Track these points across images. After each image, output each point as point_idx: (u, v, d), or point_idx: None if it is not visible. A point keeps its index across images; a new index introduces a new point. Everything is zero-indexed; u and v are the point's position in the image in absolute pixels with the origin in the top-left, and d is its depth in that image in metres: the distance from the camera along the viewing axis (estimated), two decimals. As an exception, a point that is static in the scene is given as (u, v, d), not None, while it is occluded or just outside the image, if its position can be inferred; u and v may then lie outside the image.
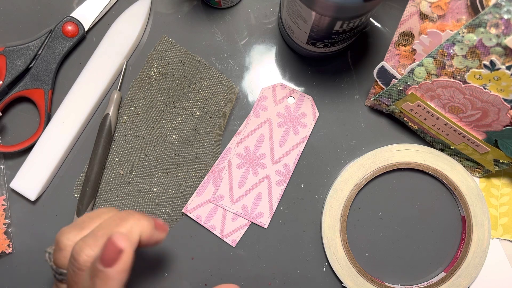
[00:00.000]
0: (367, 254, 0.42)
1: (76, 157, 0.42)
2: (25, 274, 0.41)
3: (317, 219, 0.42)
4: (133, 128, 0.42)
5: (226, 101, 0.41)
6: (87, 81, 0.41)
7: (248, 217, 0.41)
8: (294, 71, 0.43)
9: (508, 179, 0.42)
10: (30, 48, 0.41)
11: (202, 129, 0.41)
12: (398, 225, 0.42)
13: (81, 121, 0.41)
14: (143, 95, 0.42)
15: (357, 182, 0.41)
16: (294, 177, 0.42)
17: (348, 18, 0.32)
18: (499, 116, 0.34)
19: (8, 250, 0.40)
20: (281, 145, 0.42)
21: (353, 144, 0.42)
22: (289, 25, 0.37)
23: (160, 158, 0.41)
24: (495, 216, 0.42)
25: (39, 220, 0.41)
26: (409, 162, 0.41)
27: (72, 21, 0.41)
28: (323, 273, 0.41)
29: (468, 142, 0.38)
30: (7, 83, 0.40)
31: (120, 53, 0.41)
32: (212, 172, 0.42)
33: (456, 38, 0.31)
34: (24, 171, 0.40)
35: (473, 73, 0.32)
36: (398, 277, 0.42)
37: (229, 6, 0.43)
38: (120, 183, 0.41)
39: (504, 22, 0.29)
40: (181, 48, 0.42)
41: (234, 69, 0.43)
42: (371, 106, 0.42)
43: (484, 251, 0.41)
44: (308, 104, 0.42)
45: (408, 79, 0.36)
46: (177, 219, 0.41)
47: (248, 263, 0.41)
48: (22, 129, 0.42)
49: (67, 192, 0.42)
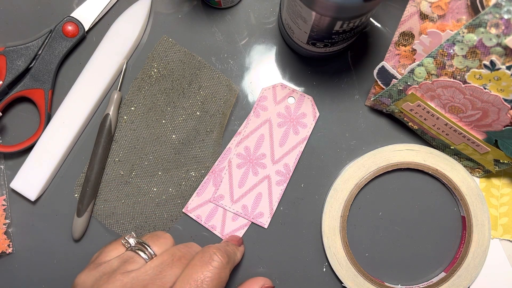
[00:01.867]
0: (367, 254, 0.42)
1: (76, 157, 0.42)
2: (25, 274, 0.41)
3: (317, 219, 0.42)
4: (133, 128, 0.42)
5: (226, 101, 0.41)
6: (87, 81, 0.41)
7: (248, 217, 0.41)
8: (294, 71, 0.43)
9: (508, 179, 0.42)
10: (30, 48, 0.41)
11: (202, 129, 0.41)
12: (398, 225, 0.42)
13: (81, 121, 0.41)
14: (143, 95, 0.42)
15: (357, 182, 0.41)
16: (294, 177, 0.42)
17: (348, 18, 0.32)
18: (499, 116, 0.34)
19: (8, 250, 0.40)
20: (281, 145, 0.42)
21: (353, 144, 0.42)
22: (289, 25, 0.37)
23: (160, 158, 0.41)
24: (495, 216, 0.42)
25: (39, 220, 0.41)
26: (409, 162, 0.41)
27: (72, 21, 0.41)
28: (323, 273, 0.41)
29: (468, 142, 0.38)
30: (7, 83, 0.40)
31: (120, 53, 0.41)
32: (212, 172, 0.42)
33: (456, 38, 0.31)
34: (24, 171, 0.40)
35: (473, 73, 0.32)
36: (398, 277, 0.42)
37: (229, 6, 0.43)
38: (120, 183, 0.41)
39: (504, 22, 0.29)
40: (181, 48, 0.42)
41: (234, 69, 0.43)
42: (371, 106, 0.42)
43: (484, 251, 0.41)
44: (308, 104, 0.42)
45: (408, 79, 0.36)
46: (176, 218, 0.41)
47: (248, 263, 0.41)
48: (22, 129, 0.42)
49: (67, 192, 0.42)
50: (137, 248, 0.33)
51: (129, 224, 0.41)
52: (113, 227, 0.41)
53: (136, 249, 0.33)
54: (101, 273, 0.31)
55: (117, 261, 0.32)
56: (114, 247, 0.34)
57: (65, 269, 0.41)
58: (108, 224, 0.41)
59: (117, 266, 0.31)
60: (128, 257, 0.32)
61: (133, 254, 0.32)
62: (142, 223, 0.41)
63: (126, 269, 0.31)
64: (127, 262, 0.32)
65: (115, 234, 0.41)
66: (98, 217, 0.41)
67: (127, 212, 0.41)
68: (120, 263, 0.32)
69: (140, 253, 0.32)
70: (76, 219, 0.40)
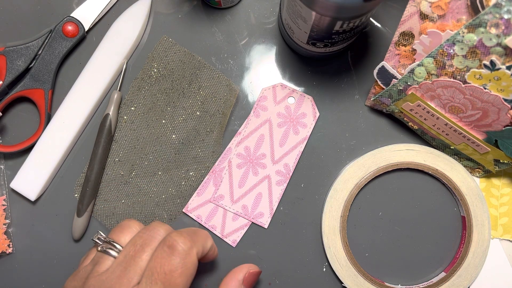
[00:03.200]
0: (367, 254, 0.42)
1: (76, 157, 0.42)
2: (25, 274, 0.41)
3: (317, 219, 0.42)
4: (133, 128, 0.42)
5: (226, 101, 0.41)
6: (87, 81, 0.41)
7: (248, 217, 0.41)
8: (294, 71, 0.43)
9: (508, 179, 0.42)
10: (30, 48, 0.41)
11: (202, 129, 0.41)
12: (398, 225, 0.42)
13: (81, 121, 0.41)
14: (143, 95, 0.42)
15: (357, 182, 0.41)
16: (294, 177, 0.42)
17: (348, 18, 0.32)
18: (499, 116, 0.34)
19: (8, 250, 0.40)
20: (281, 145, 0.42)
21: (353, 144, 0.42)
22: (289, 25, 0.37)
23: (160, 158, 0.41)
24: (495, 216, 0.42)
25: (39, 220, 0.41)
26: (409, 162, 0.41)
27: (72, 21, 0.41)
28: (323, 273, 0.41)
29: (468, 142, 0.38)
30: (7, 83, 0.40)
31: (120, 53, 0.41)
32: (212, 172, 0.42)
33: (456, 38, 0.31)
34: (24, 171, 0.40)
35: (473, 73, 0.32)
36: (398, 277, 0.42)
37: (229, 6, 0.43)
38: (120, 183, 0.41)
39: (504, 22, 0.29)
40: (181, 48, 0.42)
41: (234, 69, 0.43)
42: (371, 106, 0.42)
43: (484, 251, 0.41)
44: (308, 104, 0.42)
45: (408, 79, 0.36)
46: (175, 217, 0.41)
47: (248, 263, 0.41)
48: (22, 129, 0.42)
49: (67, 192, 0.42)
50: (105, 247, 0.32)
51: (129, 224, 0.41)
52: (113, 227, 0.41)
53: (105, 248, 0.32)
54: (79, 278, 0.31)
55: (90, 265, 0.32)
56: (93, 249, 0.34)
57: (65, 269, 0.41)
58: (108, 224, 0.41)
59: (90, 270, 0.31)
60: (98, 258, 0.32)
61: (101, 255, 0.32)
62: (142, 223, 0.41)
63: (97, 272, 0.30)
64: (97, 264, 0.31)
65: (115, 234, 0.41)
66: (98, 217, 0.41)
67: (127, 212, 0.41)
68: (92, 266, 0.31)
69: (110, 251, 0.31)
70: (76, 219, 0.40)
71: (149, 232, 0.31)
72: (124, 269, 0.30)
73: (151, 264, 0.29)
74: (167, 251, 0.29)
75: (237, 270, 0.35)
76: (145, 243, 0.31)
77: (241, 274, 0.35)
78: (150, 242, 0.31)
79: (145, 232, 0.31)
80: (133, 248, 0.31)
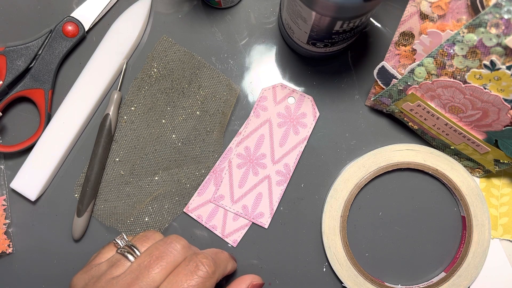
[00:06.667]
0: (367, 254, 0.42)
1: (76, 157, 0.42)
2: (25, 274, 0.41)
3: (317, 219, 0.42)
4: (133, 128, 0.42)
5: (226, 100, 0.41)
6: (87, 81, 0.41)
7: (249, 217, 0.41)
8: (294, 71, 0.43)
9: (508, 179, 0.42)
10: (30, 48, 0.41)
11: (202, 128, 0.41)
12: (398, 225, 0.42)
13: (81, 121, 0.41)
14: (143, 95, 0.42)
15: (357, 182, 0.41)
16: (294, 177, 0.42)
17: (348, 18, 0.32)
18: (499, 116, 0.34)
19: (8, 250, 0.40)
20: (281, 145, 0.42)
21: (353, 144, 0.42)
22: (289, 25, 0.37)
23: (160, 158, 0.41)
24: (495, 216, 0.42)
25: (39, 220, 0.41)
26: (409, 162, 0.41)
27: (72, 21, 0.41)
28: (323, 273, 0.41)
29: (468, 142, 0.38)
30: (7, 83, 0.40)
31: (120, 53, 0.41)
32: (213, 172, 0.42)
33: (456, 38, 0.31)
34: (24, 171, 0.40)
35: (473, 73, 0.32)
36: (398, 277, 0.42)
37: (229, 6, 0.43)
38: (120, 183, 0.41)
39: (505, 22, 0.29)
40: (181, 48, 0.42)
41: (234, 69, 0.43)
42: (371, 106, 0.42)
43: (484, 251, 0.41)
44: (308, 104, 0.42)
45: (408, 79, 0.36)
46: (175, 217, 0.41)
47: (248, 263, 0.41)
48: (22, 129, 0.42)
49: (67, 192, 0.42)
50: (125, 251, 0.32)
51: (130, 224, 0.41)
52: (114, 226, 0.41)
53: (125, 252, 0.32)
54: (90, 276, 0.31)
55: (106, 265, 0.32)
56: (109, 248, 0.34)
57: (65, 269, 0.41)
58: (108, 224, 0.41)
59: (104, 270, 0.31)
60: (116, 261, 0.32)
61: (120, 257, 0.32)
62: (143, 223, 0.41)
63: (112, 274, 0.31)
64: (114, 265, 0.31)
65: (115, 233, 0.41)
66: (98, 217, 0.41)
67: (127, 212, 0.41)
68: (108, 267, 0.32)
69: (128, 256, 0.32)
70: (76, 219, 0.40)
71: (166, 246, 0.32)
72: (136, 277, 0.30)
73: (172, 279, 0.30)
74: (191, 270, 0.31)
75: (240, 280, 0.35)
76: (161, 256, 0.31)
77: (244, 285, 0.35)
78: (166, 256, 0.31)
79: (162, 245, 0.32)
80: (148, 258, 0.31)
